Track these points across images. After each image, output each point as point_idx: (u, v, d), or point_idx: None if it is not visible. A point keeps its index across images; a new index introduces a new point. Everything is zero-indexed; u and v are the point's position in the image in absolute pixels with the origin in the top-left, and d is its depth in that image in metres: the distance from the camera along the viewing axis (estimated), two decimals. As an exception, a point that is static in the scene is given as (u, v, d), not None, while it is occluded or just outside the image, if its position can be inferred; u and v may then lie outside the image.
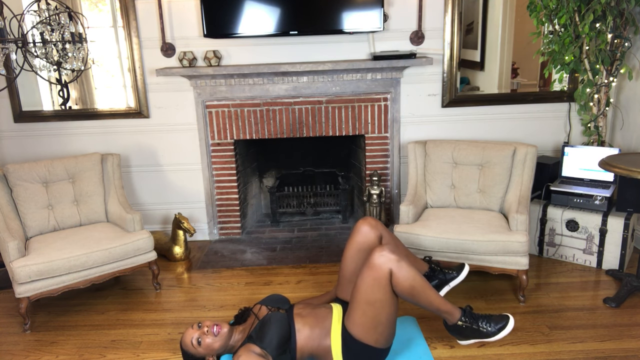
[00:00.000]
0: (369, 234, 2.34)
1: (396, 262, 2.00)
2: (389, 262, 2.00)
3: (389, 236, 2.41)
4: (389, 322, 2.06)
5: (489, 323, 2.17)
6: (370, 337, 2.05)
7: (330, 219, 4.21)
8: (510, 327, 2.16)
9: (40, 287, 2.70)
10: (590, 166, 3.26)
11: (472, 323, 2.17)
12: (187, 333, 2.18)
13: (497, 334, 2.15)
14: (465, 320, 2.17)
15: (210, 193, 3.79)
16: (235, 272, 3.33)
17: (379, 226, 2.38)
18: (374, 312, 2.02)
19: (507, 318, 2.18)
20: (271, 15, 3.32)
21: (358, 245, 2.34)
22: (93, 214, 3.21)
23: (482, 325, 2.16)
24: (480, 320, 2.18)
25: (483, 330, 2.16)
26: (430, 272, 2.48)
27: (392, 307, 2.04)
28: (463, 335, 2.20)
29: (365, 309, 2.02)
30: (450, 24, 3.46)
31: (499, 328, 2.16)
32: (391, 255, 2.01)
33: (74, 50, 2.81)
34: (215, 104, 3.60)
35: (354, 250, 2.35)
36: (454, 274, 2.47)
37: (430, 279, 2.46)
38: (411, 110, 3.64)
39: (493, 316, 2.20)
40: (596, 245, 3.12)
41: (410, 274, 2.02)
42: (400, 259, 2.02)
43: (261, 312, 2.25)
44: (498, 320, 2.18)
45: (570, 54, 3.20)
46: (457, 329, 2.19)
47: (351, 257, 2.35)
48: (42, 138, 3.67)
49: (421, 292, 2.06)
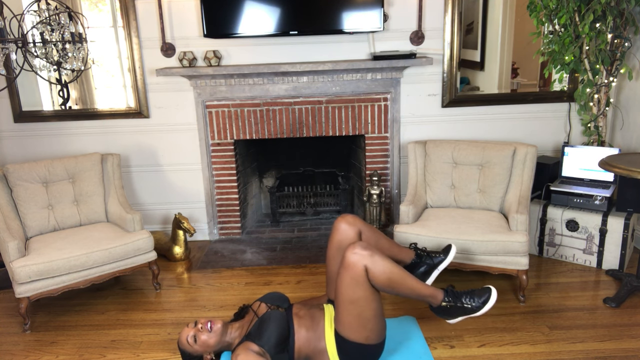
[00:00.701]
0: (347, 231, 2.33)
1: (369, 257, 1.99)
2: (362, 258, 1.99)
3: (368, 231, 2.39)
4: (375, 317, 2.05)
5: (472, 298, 2.17)
6: (360, 335, 2.05)
7: (330, 219, 4.21)
8: (494, 298, 2.17)
9: (40, 287, 2.70)
10: (590, 166, 3.26)
11: (455, 301, 2.17)
12: (183, 332, 2.19)
13: (482, 307, 2.16)
14: (449, 300, 2.17)
15: (210, 193, 3.79)
16: (235, 272, 3.33)
17: (358, 222, 2.37)
18: (358, 311, 2.01)
19: (489, 290, 2.19)
20: (271, 15, 3.32)
21: (338, 243, 2.33)
22: (93, 214, 3.22)
23: (465, 302, 2.17)
24: (463, 297, 2.18)
25: (467, 306, 2.17)
26: (417, 259, 2.47)
27: (375, 302, 2.04)
28: (450, 314, 2.20)
29: (349, 308, 2.02)
30: (450, 24, 3.46)
31: (482, 301, 2.16)
32: (363, 251, 2.00)
33: (74, 50, 2.82)
34: (215, 104, 3.60)
35: (334, 250, 2.34)
36: (441, 256, 2.46)
37: (418, 265, 2.45)
38: (411, 110, 3.64)
39: (475, 290, 2.20)
40: (596, 245, 3.12)
41: (386, 267, 2.01)
42: (372, 253, 2.01)
43: (260, 309, 2.25)
44: (480, 293, 2.18)
45: (570, 54, 3.20)
46: (443, 309, 2.19)
47: (332, 257, 2.35)
48: (42, 138, 3.67)
49: (400, 282, 2.05)
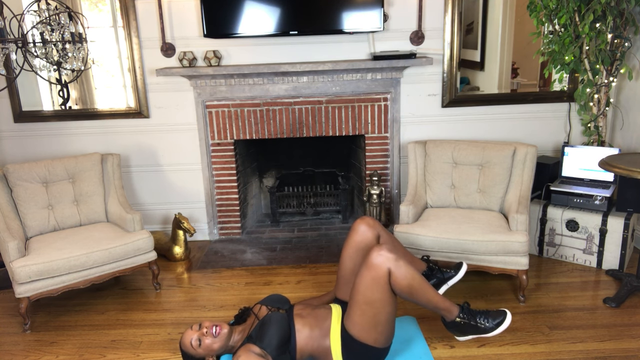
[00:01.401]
0: (366, 233, 2.34)
1: (394, 261, 2.00)
2: (387, 261, 2.00)
3: (386, 235, 2.41)
4: (388, 321, 2.06)
5: (486, 319, 2.17)
6: (370, 336, 2.05)
7: (330, 219, 4.21)
8: (508, 322, 2.17)
9: (40, 287, 2.70)
10: (590, 166, 3.26)
11: (470, 319, 2.17)
12: (187, 334, 2.17)
13: (495, 329, 2.16)
14: (463, 317, 2.17)
15: (210, 193, 3.79)
16: (235, 272, 3.33)
17: (377, 225, 2.38)
18: (373, 312, 2.02)
19: (504, 313, 2.19)
20: (271, 15, 3.32)
21: (356, 244, 2.34)
22: (93, 214, 3.22)
23: (479, 321, 2.17)
24: (478, 316, 2.18)
25: (481, 326, 2.17)
26: (428, 272, 2.48)
27: (391, 307, 2.05)
28: (461, 331, 2.21)
29: (364, 308, 2.02)
30: (450, 24, 3.46)
31: (496, 323, 2.17)
32: (389, 254, 2.01)
33: (74, 50, 2.81)
34: (215, 104, 3.60)
35: (352, 250, 2.35)
36: (452, 272, 2.47)
37: (428, 278, 2.46)
38: (411, 110, 3.64)
39: (490, 312, 2.21)
40: (596, 245, 3.12)
41: (409, 273, 2.02)
42: (398, 257, 2.02)
43: (261, 312, 2.25)
44: (495, 315, 2.19)
45: (570, 54, 3.20)
46: (455, 325, 2.19)
47: (349, 257, 2.35)
48: (42, 138, 3.67)
49: (420, 291, 2.06)
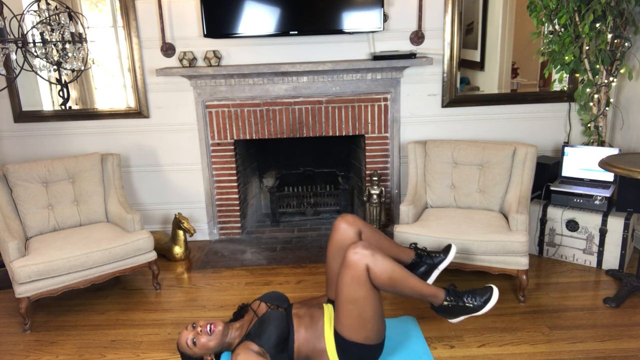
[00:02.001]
0: (347, 231, 2.32)
1: (370, 256, 1.99)
2: (364, 257, 1.98)
3: (368, 230, 2.39)
4: (375, 317, 2.04)
5: (474, 297, 2.17)
6: (360, 335, 2.04)
7: (330, 219, 4.21)
8: (496, 297, 2.16)
9: (40, 287, 2.70)
10: (590, 166, 3.26)
11: (457, 301, 2.16)
12: (182, 335, 2.16)
13: (483, 306, 2.16)
14: (451, 300, 2.16)
15: (210, 193, 3.79)
16: (235, 272, 3.33)
17: (357, 222, 2.36)
18: (358, 310, 2.01)
19: (490, 289, 2.18)
20: (271, 15, 3.32)
21: (338, 243, 2.32)
22: (93, 214, 3.22)
23: (467, 301, 2.16)
24: (464, 296, 2.17)
25: (469, 305, 2.16)
26: (417, 259, 2.46)
27: (375, 302, 2.03)
28: (451, 314, 2.20)
29: (349, 308, 2.01)
30: (450, 24, 3.46)
31: (484, 300, 2.16)
32: (364, 250, 1.99)
33: (74, 50, 2.82)
34: (215, 104, 3.60)
35: (334, 249, 2.33)
36: (442, 256, 2.46)
37: (418, 265, 2.44)
38: (411, 110, 3.64)
39: (477, 290, 2.20)
40: (596, 245, 3.12)
41: (388, 266, 2.00)
42: (374, 252, 2.00)
43: (260, 308, 2.24)
44: (482, 292, 2.18)
45: (570, 54, 3.20)
46: (444, 309, 2.19)
47: (333, 256, 2.34)
48: (42, 138, 3.67)
49: (401, 281, 2.05)
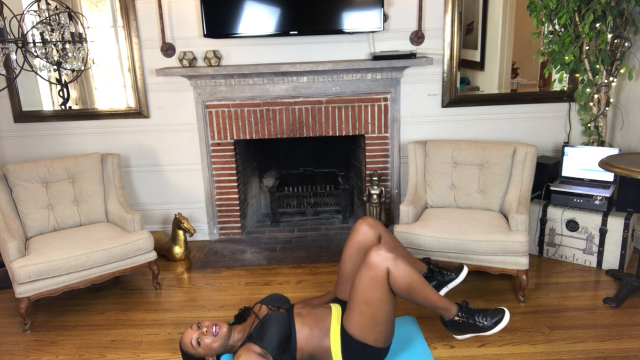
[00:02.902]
0: (367, 233, 2.35)
1: (393, 260, 2.01)
2: (386, 260, 2.00)
3: (387, 236, 2.41)
4: (387, 321, 2.06)
5: (485, 317, 2.18)
6: (369, 336, 2.05)
7: (330, 219, 4.21)
8: (506, 321, 2.17)
9: (40, 287, 2.70)
10: (590, 166, 3.26)
11: (468, 318, 2.18)
12: (187, 333, 2.18)
13: (493, 327, 2.17)
14: (462, 316, 2.18)
15: (210, 193, 3.79)
16: (235, 272, 3.33)
17: (378, 226, 2.39)
18: (372, 312, 2.02)
19: (502, 312, 2.19)
20: (271, 15, 3.32)
21: (357, 244, 2.34)
22: (93, 214, 3.22)
23: (478, 320, 2.17)
24: (476, 315, 2.19)
25: (479, 324, 2.17)
26: (429, 273, 2.48)
27: (390, 306, 2.05)
28: (459, 330, 2.21)
29: (363, 308, 2.03)
30: (450, 24, 3.46)
31: (495, 322, 2.17)
32: (388, 254, 2.02)
33: (74, 50, 2.81)
34: (215, 104, 3.60)
35: (353, 250, 2.35)
36: (453, 275, 2.47)
37: (429, 280, 2.46)
38: (411, 110, 3.64)
39: (489, 310, 2.21)
40: (596, 245, 3.12)
41: (408, 272, 2.02)
42: (397, 257, 2.02)
43: (261, 311, 2.25)
44: (494, 314, 2.19)
45: (570, 54, 3.20)
46: (454, 324, 2.20)
47: (350, 257, 2.35)
48: (42, 138, 3.67)
49: (418, 290, 2.07)
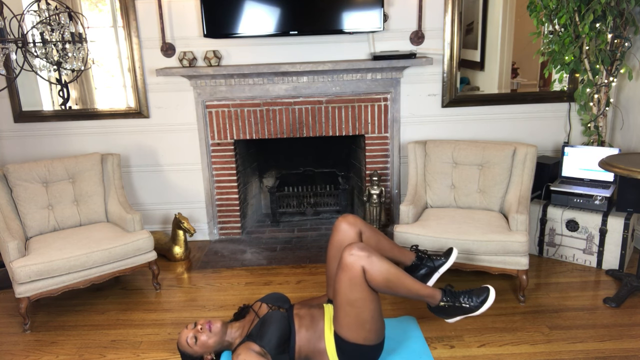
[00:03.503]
0: (347, 231, 2.34)
1: (366, 258, 1.99)
2: (360, 259, 1.99)
3: (369, 231, 2.39)
4: (373, 318, 2.05)
5: (470, 298, 2.17)
6: (359, 336, 2.04)
7: (330, 219, 4.21)
8: (492, 298, 2.17)
9: (40, 287, 2.70)
10: (590, 166, 3.26)
11: (454, 301, 2.17)
12: (182, 333, 2.18)
13: (480, 306, 2.16)
14: (447, 300, 2.17)
15: (210, 193, 3.79)
16: (235, 272, 3.33)
17: (358, 222, 2.37)
18: (356, 312, 2.01)
19: (487, 290, 2.19)
20: (271, 15, 3.32)
21: (338, 243, 2.33)
22: (93, 214, 3.22)
23: (464, 302, 2.17)
24: (461, 296, 2.18)
25: (466, 305, 2.17)
26: (418, 261, 2.47)
27: (373, 303, 2.03)
28: (448, 314, 2.21)
29: (347, 309, 2.02)
30: (450, 24, 3.46)
31: (481, 301, 2.17)
32: (360, 252, 2.00)
33: (74, 50, 2.82)
34: (215, 104, 3.60)
35: (334, 249, 2.34)
36: (443, 259, 2.46)
37: (419, 267, 2.45)
38: (411, 110, 3.64)
39: (474, 290, 2.20)
40: (596, 245, 3.12)
41: (383, 267, 2.01)
42: (370, 254, 2.01)
43: (261, 310, 2.25)
44: (479, 293, 2.18)
45: (570, 54, 3.20)
46: (441, 309, 2.19)
47: (333, 257, 2.35)
48: (42, 138, 3.67)
49: (397, 283, 2.05)
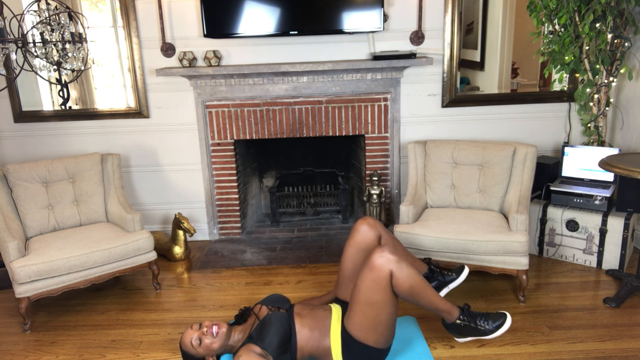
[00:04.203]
0: (367, 233, 2.35)
1: (396, 262, 2.01)
2: (389, 263, 2.00)
3: (387, 236, 2.42)
4: (389, 322, 2.06)
5: (486, 321, 2.19)
6: (370, 337, 2.05)
7: (330, 219, 4.21)
8: (508, 325, 2.19)
9: (40, 287, 2.70)
10: (590, 166, 3.26)
11: (470, 321, 2.19)
12: (187, 333, 2.18)
13: (494, 331, 2.18)
14: (464, 319, 2.19)
15: (210, 193, 3.79)
16: (235, 272, 3.33)
17: (378, 226, 2.39)
18: (374, 313, 2.02)
19: (504, 316, 2.21)
20: (271, 15, 3.32)
21: (357, 245, 2.35)
22: (93, 214, 3.22)
23: (480, 324, 2.19)
24: (478, 318, 2.20)
25: (481, 328, 2.19)
26: (430, 274, 2.48)
27: (392, 308, 2.05)
28: (461, 333, 2.23)
29: (365, 309, 2.03)
30: (450, 24, 3.46)
31: (496, 326, 2.18)
32: (391, 256, 2.02)
33: (74, 50, 2.81)
34: (215, 104, 3.60)
35: (353, 250, 2.35)
36: (453, 275, 2.48)
37: (429, 280, 2.46)
38: (411, 110, 3.64)
39: (491, 314, 2.22)
40: (596, 245, 3.12)
41: (411, 275, 2.03)
42: (400, 259, 2.03)
43: (261, 312, 2.25)
44: (496, 318, 2.20)
45: (570, 54, 3.20)
46: (456, 327, 2.21)
47: (350, 257, 2.36)
48: (42, 138, 3.67)
49: (421, 292, 2.07)
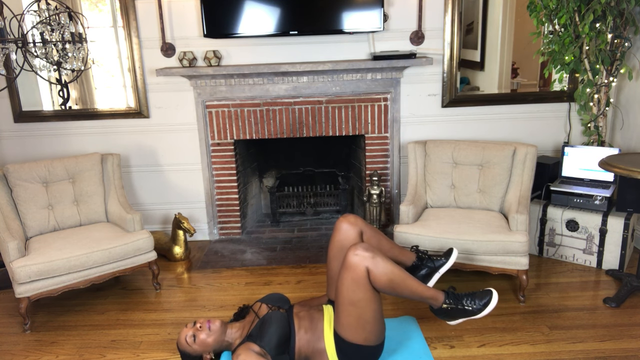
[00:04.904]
0: (348, 231, 2.33)
1: (371, 259, 1.99)
2: (364, 260, 1.99)
3: (370, 231, 2.39)
4: (375, 319, 2.05)
5: (473, 300, 2.17)
6: (359, 336, 2.04)
7: (330, 219, 4.21)
8: (495, 301, 2.17)
9: (40, 287, 2.70)
10: (590, 166, 3.26)
11: (456, 304, 2.17)
12: (182, 332, 2.19)
13: (482, 309, 2.16)
14: (450, 302, 2.17)
15: (210, 193, 3.79)
16: (235, 272, 3.33)
17: (359, 222, 2.37)
18: (358, 312, 2.01)
19: (490, 293, 2.19)
20: (271, 15, 3.32)
21: (339, 244, 2.33)
22: (93, 214, 3.22)
23: (466, 304, 2.17)
24: (464, 299, 2.18)
25: (469, 308, 2.17)
26: (418, 262, 2.47)
27: (375, 304, 2.04)
28: (450, 316, 2.21)
29: (349, 309, 2.02)
30: (450, 24, 3.46)
31: (483, 304, 2.16)
32: (365, 252, 2.00)
33: (74, 50, 2.81)
34: (215, 104, 3.60)
35: (335, 249, 2.34)
36: (443, 260, 2.46)
37: (419, 268, 2.45)
38: (411, 110, 3.64)
39: (477, 293, 2.20)
40: (596, 245, 3.12)
41: (387, 268, 2.01)
42: (374, 255, 2.01)
43: (261, 310, 2.25)
44: (482, 296, 2.18)
45: (570, 54, 3.20)
46: (444, 311, 2.19)
47: (334, 257, 2.34)
48: (42, 138, 3.67)
49: (401, 284, 2.05)
